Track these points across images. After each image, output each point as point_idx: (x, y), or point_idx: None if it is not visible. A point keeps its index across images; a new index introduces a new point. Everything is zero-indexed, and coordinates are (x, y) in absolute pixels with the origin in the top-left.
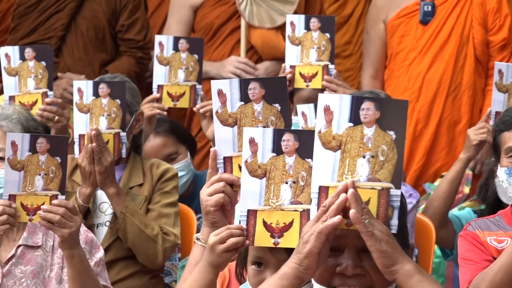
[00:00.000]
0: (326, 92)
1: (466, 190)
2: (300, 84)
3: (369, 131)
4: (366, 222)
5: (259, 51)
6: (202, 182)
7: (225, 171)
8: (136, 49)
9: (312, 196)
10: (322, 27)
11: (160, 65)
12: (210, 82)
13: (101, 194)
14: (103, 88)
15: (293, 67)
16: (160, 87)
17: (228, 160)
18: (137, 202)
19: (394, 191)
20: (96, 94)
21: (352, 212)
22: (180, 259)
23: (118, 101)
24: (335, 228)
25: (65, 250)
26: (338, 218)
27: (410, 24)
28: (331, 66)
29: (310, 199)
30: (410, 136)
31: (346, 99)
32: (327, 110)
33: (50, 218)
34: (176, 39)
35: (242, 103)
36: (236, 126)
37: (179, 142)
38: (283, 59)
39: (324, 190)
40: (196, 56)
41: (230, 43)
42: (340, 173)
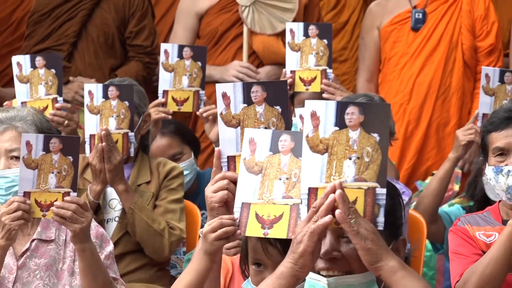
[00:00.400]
0: (325, 95)
1: (456, 187)
2: (300, 88)
3: (354, 134)
4: (352, 222)
5: (261, 56)
6: (205, 180)
7: (228, 170)
8: (143, 54)
9: (302, 197)
10: (320, 34)
11: (165, 71)
12: (214, 85)
13: (110, 191)
14: (112, 90)
15: (293, 72)
16: (165, 92)
17: (231, 159)
18: (144, 198)
19: (379, 190)
20: (105, 96)
21: (337, 212)
22: (185, 253)
23: (126, 103)
24: (326, 227)
25: (76, 244)
26: (328, 218)
27: (402, 30)
28: (329, 71)
29: (301, 193)
30: (402, 136)
31: (332, 105)
32: (314, 115)
33: (62, 214)
34: (180, 47)
35: (245, 105)
36: (239, 127)
37: (184, 143)
38: (283, 64)
39: (313, 191)
40: (199, 63)
41: (233, 49)
42: (328, 174)
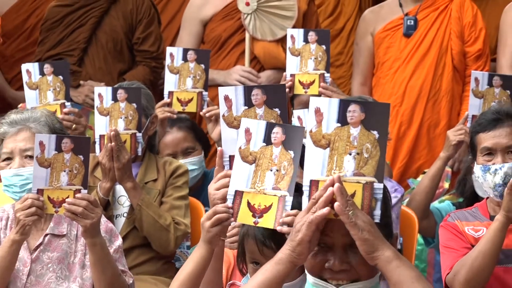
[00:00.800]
0: (322, 97)
1: (446, 185)
2: (299, 90)
3: (355, 131)
4: (350, 213)
5: (262, 61)
6: (210, 178)
7: (230, 168)
8: (150, 59)
9: (304, 188)
10: (319, 40)
11: (170, 73)
12: (217, 88)
13: (119, 188)
14: (121, 93)
15: (293, 76)
16: (170, 93)
17: (233, 158)
18: (151, 195)
19: (377, 185)
20: (114, 99)
21: (336, 204)
22: (189, 247)
23: (134, 105)
24: (324, 218)
25: (87, 239)
26: (326, 209)
27: (394, 36)
28: (327, 75)
29: (288, 186)
30: (395, 137)
31: (335, 102)
32: (318, 111)
33: (74, 210)
34: (185, 51)
35: (246, 108)
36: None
37: (197, 140)
38: (283, 68)
39: (314, 184)
40: (203, 65)
41: (236, 54)
42: (329, 168)
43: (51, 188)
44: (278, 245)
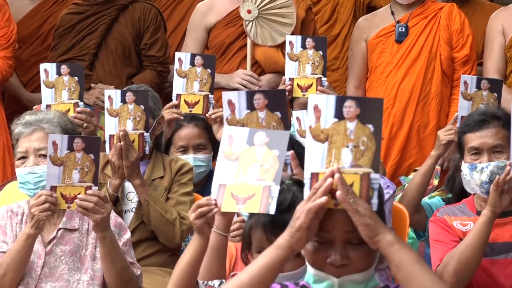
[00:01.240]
0: (320, 95)
1: (435, 182)
2: (298, 93)
3: (351, 125)
4: (351, 201)
5: (262, 66)
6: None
7: None
8: (157, 64)
9: (305, 181)
10: (316, 46)
11: (179, 77)
12: (221, 91)
13: (128, 185)
14: (130, 96)
15: (292, 79)
16: (178, 96)
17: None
18: (158, 191)
19: (373, 175)
20: (123, 101)
21: (338, 193)
22: None
23: (142, 106)
24: (323, 207)
25: (97, 233)
26: (324, 198)
27: (387, 42)
28: (324, 79)
29: (273, 177)
30: (387, 137)
31: (332, 99)
32: (316, 108)
33: (85, 206)
34: (192, 56)
35: (249, 111)
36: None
37: (209, 139)
38: (282, 72)
39: (314, 176)
40: (209, 70)
41: (238, 59)
42: (327, 161)
43: (64, 185)
44: None
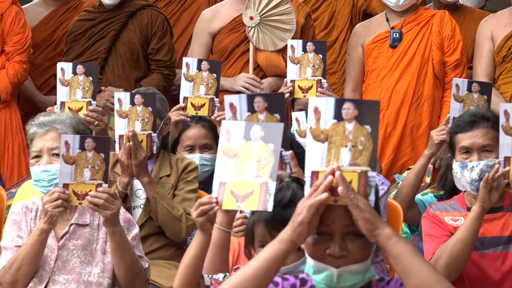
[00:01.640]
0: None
1: (428, 180)
2: (299, 94)
3: (349, 126)
4: (351, 197)
5: (264, 69)
6: None
7: None
8: (163, 68)
9: (305, 179)
10: (316, 50)
11: (186, 81)
12: (224, 94)
13: (136, 183)
14: (138, 98)
15: (293, 81)
16: (185, 99)
17: None
18: (165, 189)
19: (371, 173)
20: (132, 103)
21: (340, 189)
22: None
23: (150, 108)
24: (323, 203)
25: (108, 228)
26: (325, 194)
27: (382, 47)
28: (324, 81)
29: (269, 173)
30: (381, 137)
31: (331, 101)
32: (316, 110)
33: (96, 202)
34: (199, 61)
35: (249, 114)
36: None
37: (215, 140)
38: (283, 76)
39: (315, 174)
40: (214, 75)
41: (241, 63)
42: (327, 160)
43: (76, 182)
44: None
